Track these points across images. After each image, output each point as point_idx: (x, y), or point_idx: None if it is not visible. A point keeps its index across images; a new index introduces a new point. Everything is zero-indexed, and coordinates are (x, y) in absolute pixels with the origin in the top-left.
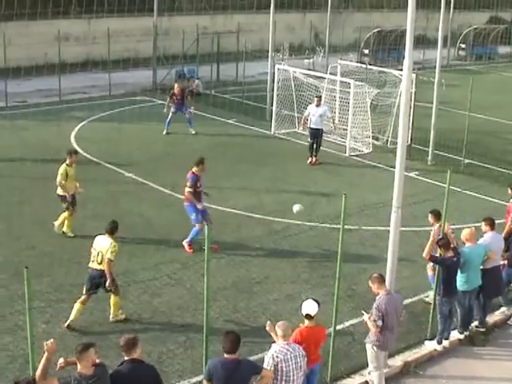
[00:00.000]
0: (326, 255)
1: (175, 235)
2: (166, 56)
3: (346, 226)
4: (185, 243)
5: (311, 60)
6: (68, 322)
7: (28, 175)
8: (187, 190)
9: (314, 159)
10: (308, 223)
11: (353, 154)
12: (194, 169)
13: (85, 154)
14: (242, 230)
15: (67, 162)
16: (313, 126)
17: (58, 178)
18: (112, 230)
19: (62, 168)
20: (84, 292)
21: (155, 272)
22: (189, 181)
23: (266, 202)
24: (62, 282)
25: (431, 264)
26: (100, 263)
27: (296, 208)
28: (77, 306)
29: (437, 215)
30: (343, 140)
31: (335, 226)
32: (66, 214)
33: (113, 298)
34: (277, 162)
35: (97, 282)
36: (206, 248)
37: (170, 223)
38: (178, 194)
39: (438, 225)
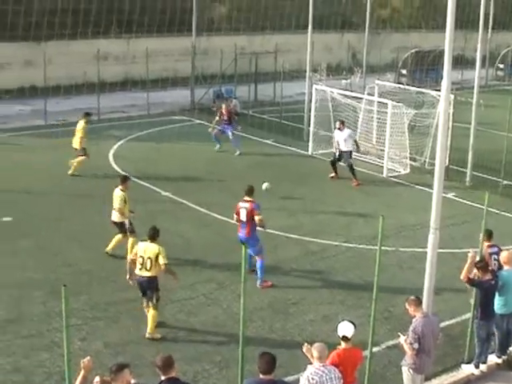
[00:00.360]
0: (362, 276)
1: (212, 255)
2: (204, 76)
3: (383, 248)
4: (261, 285)
5: (349, 80)
6: (147, 334)
7: (66, 192)
8: (260, 217)
9: (335, 175)
10: (345, 244)
11: (390, 174)
12: (251, 198)
13: (122, 173)
14: (279, 250)
15: (121, 187)
16: (340, 149)
17: (118, 204)
18: (154, 236)
19: (120, 194)
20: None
21: (191, 291)
22: (258, 209)
23: (303, 222)
24: (99, 300)
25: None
26: (149, 269)
27: (265, 186)
28: (151, 312)
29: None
30: (381, 161)
31: (372, 247)
32: (119, 236)
33: (151, 312)
34: (314, 183)
35: (144, 288)
36: (242, 268)
37: (207, 243)
38: (215, 214)
39: (487, 244)
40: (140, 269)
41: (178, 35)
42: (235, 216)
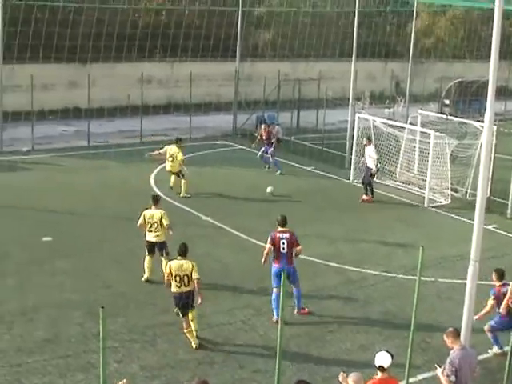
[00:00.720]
0: (400, 306)
1: (250, 280)
2: (247, 101)
3: (422, 278)
4: (298, 312)
5: (391, 109)
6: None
7: (108, 214)
8: (301, 247)
9: (365, 197)
10: (384, 274)
11: (431, 205)
12: (286, 228)
13: (163, 197)
14: (318, 278)
15: (156, 207)
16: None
17: (168, 221)
18: (186, 252)
19: (164, 213)
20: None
21: (229, 317)
22: (297, 238)
23: (343, 250)
24: (136, 323)
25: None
26: (187, 285)
27: (269, 189)
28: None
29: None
30: (422, 191)
31: (411, 278)
32: (149, 258)
33: (193, 313)
34: (355, 211)
35: (185, 302)
36: (281, 296)
37: (246, 268)
38: (254, 240)
39: (499, 284)
40: (179, 286)
41: (221, 60)
42: (269, 247)
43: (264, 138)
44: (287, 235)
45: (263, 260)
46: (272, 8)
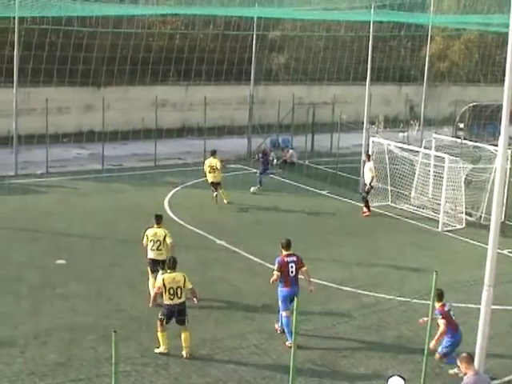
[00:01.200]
0: (414, 331)
1: (263, 305)
2: (261, 125)
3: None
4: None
5: (406, 133)
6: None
7: (121, 238)
8: (306, 268)
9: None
10: (398, 298)
11: (445, 229)
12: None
13: (177, 220)
14: (331, 302)
15: (159, 225)
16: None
17: (171, 240)
18: (175, 266)
19: (168, 232)
20: (163, 323)
21: (241, 341)
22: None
23: (356, 274)
24: (149, 346)
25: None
26: (180, 297)
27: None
28: (159, 334)
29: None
30: (436, 214)
31: (425, 302)
32: (153, 280)
33: (187, 334)
34: (368, 235)
35: (178, 312)
36: (294, 320)
37: (259, 292)
38: (268, 264)
39: (440, 305)
40: (172, 298)
41: (235, 84)
42: (278, 274)
43: (259, 155)
44: (294, 258)
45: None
46: (286, 32)
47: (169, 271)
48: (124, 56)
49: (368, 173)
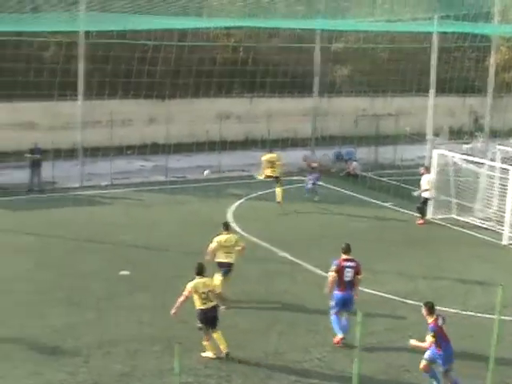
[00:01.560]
0: (479, 346)
1: (327, 317)
2: (324, 137)
3: (501, 317)
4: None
5: (470, 145)
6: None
7: (184, 249)
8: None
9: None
10: (463, 312)
11: (510, 242)
12: (351, 256)
13: (242, 232)
14: (395, 315)
15: (228, 232)
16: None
17: (243, 243)
18: (203, 271)
19: (238, 236)
20: (206, 331)
21: (305, 354)
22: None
23: (420, 287)
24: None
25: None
26: (212, 300)
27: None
28: (205, 344)
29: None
30: (501, 227)
31: (490, 317)
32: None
33: (217, 333)
34: (432, 248)
35: (212, 316)
36: (358, 332)
37: (323, 305)
38: None
39: (432, 319)
40: (205, 303)
41: (299, 96)
42: (334, 275)
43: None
44: (353, 264)
45: (328, 290)
46: (349, 44)
47: (198, 277)
48: (188, 69)
49: (426, 185)
